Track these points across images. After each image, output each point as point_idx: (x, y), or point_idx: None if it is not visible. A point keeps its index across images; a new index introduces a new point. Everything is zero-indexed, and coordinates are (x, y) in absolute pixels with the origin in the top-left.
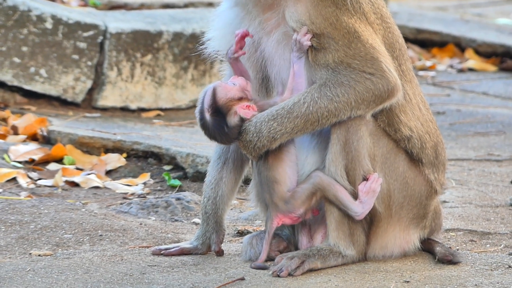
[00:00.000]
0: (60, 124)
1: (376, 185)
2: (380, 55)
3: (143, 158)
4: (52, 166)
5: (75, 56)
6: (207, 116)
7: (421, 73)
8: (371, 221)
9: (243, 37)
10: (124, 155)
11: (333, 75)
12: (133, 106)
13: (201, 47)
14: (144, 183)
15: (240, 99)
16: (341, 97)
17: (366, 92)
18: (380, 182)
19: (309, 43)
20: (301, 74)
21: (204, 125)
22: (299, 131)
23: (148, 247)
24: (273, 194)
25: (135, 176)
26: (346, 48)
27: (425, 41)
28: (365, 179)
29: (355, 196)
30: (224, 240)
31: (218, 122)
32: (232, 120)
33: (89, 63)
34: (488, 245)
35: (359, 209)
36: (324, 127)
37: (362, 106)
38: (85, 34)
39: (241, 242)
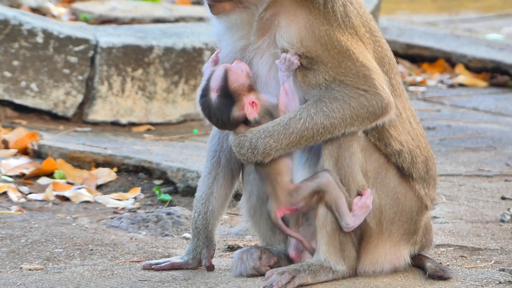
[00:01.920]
0: (51, 138)
1: (369, 202)
2: (372, 72)
3: (133, 172)
4: (43, 180)
5: (66, 71)
6: (214, 96)
7: (411, 88)
8: (361, 237)
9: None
10: (115, 169)
11: (326, 92)
12: (124, 120)
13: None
14: (135, 198)
15: (249, 87)
16: (336, 112)
17: (361, 109)
18: (372, 199)
19: (298, 62)
20: (293, 92)
21: (205, 104)
22: (293, 147)
23: (138, 261)
24: (276, 186)
25: (125, 191)
26: (337, 68)
27: (416, 56)
28: (360, 194)
29: None
30: (214, 255)
31: (224, 106)
32: (238, 112)
33: (80, 77)
34: (478, 261)
35: (351, 221)
36: (317, 143)
37: (356, 122)
38: (76, 49)
39: (232, 257)
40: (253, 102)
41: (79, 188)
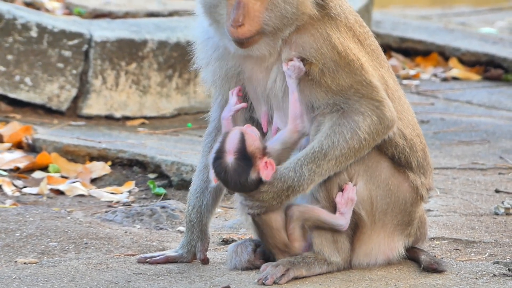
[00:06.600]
0: (45, 132)
1: (352, 194)
2: (378, 83)
3: (128, 166)
4: (37, 174)
5: (60, 65)
6: (230, 158)
7: (405, 81)
8: (355, 228)
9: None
10: (109, 163)
11: (347, 104)
12: (118, 114)
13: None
14: (129, 191)
15: (263, 151)
16: (366, 131)
17: (379, 124)
18: (356, 191)
19: (303, 68)
20: (300, 101)
21: (220, 166)
22: (328, 173)
23: (133, 255)
24: (276, 240)
25: (120, 184)
26: (353, 76)
27: (409, 50)
28: (341, 189)
29: (331, 208)
30: (209, 248)
31: (242, 168)
32: (254, 174)
33: (74, 71)
34: (472, 254)
35: (342, 221)
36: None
37: (376, 137)
38: (70, 43)
39: (226, 251)
40: (266, 162)
41: (74, 182)
